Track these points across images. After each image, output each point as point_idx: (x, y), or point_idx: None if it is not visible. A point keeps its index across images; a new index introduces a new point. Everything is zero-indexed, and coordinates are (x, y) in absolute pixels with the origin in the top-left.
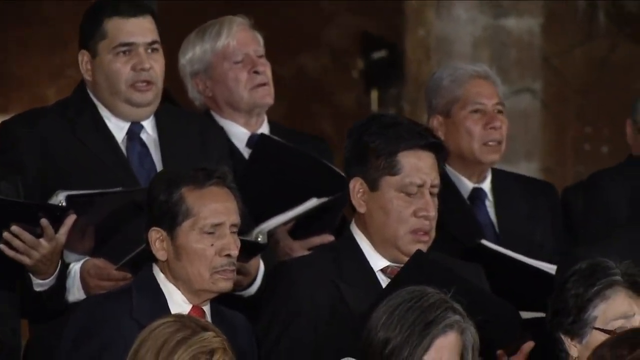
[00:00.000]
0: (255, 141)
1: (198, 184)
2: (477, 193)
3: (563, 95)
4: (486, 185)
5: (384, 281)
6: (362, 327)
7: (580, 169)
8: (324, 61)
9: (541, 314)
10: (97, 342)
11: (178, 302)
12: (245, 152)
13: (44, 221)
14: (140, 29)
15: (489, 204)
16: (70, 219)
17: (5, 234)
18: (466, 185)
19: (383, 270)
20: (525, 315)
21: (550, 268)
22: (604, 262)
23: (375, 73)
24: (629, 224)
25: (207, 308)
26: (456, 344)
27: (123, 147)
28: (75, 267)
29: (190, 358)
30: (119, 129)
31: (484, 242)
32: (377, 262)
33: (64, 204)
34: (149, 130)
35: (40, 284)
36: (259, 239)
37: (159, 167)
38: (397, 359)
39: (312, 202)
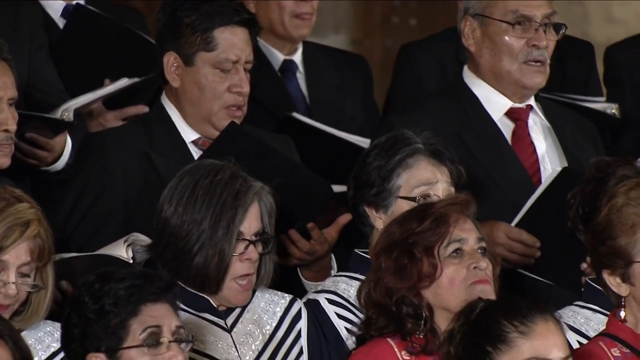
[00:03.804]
0: (70, 12)
1: None
2: (288, 65)
3: None
4: (297, 57)
5: (195, 152)
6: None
7: (389, 41)
8: None
9: None
10: None
11: None
12: (61, 23)
13: None
14: None
15: (300, 76)
16: None
17: None
18: (277, 57)
19: (195, 142)
20: (338, 188)
21: (360, 140)
22: (403, 133)
23: None
24: (440, 93)
25: None
26: (259, 210)
27: None
28: None
29: (5, 230)
30: None
31: (295, 114)
32: (188, 134)
33: None
34: None
35: None
36: (65, 117)
37: None
38: (212, 235)
39: (123, 82)
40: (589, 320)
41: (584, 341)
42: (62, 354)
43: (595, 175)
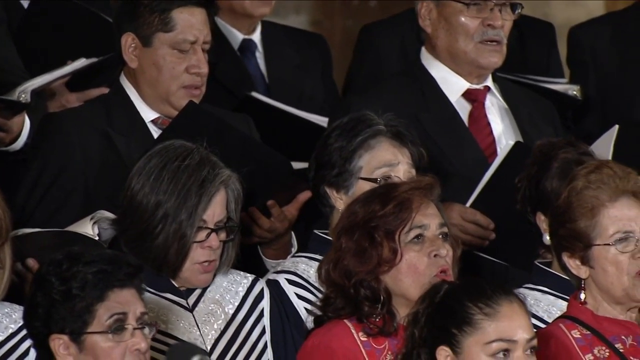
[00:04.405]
0: None
1: None
2: (247, 44)
3: None
4: (256, 37)
5: (155, 132)
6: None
7: (349, 22)
8: None
9: None
10: None
11: None
12: (25, 3)
13: None
14: None
15: (259, 55)
16: None
17: None
18: (236, 36)
19: (154, 122)
20: (298, 165)
21: (319, 119)
22: (366, 114)
23: None
24: (398, 74)
25: None
26: (225, 198)
27: None
28: None
29: None
30: None
31: (254, 94)
32: (148, 114)
33: None
34: None
35: None
36: (22, 98)
37: None
38: (174, 220)
39: (81, 62)
40: (538, 301)
41: (535, 321)
42: (20, 335)
43: (539, 158)
